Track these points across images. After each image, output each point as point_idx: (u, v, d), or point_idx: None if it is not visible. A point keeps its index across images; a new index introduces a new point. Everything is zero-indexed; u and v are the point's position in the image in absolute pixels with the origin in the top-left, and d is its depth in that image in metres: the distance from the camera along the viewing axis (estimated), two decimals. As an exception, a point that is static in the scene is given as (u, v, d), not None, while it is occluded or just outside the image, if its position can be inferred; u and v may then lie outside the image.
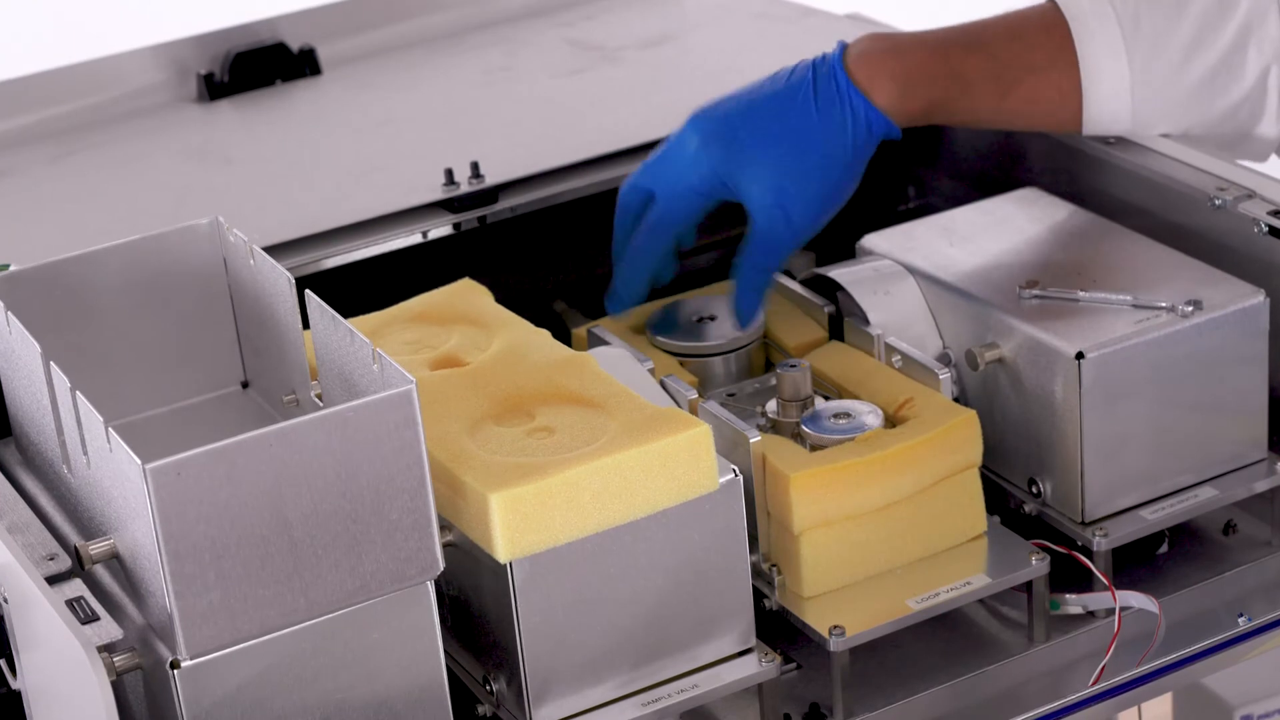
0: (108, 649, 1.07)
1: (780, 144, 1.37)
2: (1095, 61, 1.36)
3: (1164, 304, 1.30)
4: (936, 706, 1.23)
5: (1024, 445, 1.33)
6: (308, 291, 1.20)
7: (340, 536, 1.07)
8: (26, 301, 1.25)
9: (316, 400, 1.23)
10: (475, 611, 1.19)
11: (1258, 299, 1.31)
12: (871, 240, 1.44)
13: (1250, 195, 1.40)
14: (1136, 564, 1.33)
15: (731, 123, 1.38)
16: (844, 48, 1.39)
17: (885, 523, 1.26)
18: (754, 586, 1.21)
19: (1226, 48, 1.35)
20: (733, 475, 1.18)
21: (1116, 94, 1.37)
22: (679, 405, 1.28)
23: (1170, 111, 1.38)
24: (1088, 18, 1.37)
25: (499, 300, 1.36)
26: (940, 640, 1.28)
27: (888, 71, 1.37)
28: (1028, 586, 1.27)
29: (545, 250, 1.58)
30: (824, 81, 1.37)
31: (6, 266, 1.31)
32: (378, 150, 1.62)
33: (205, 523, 1.03)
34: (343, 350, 1.16)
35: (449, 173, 1.50)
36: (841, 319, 1.41)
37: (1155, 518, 1.31)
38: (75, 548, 1.12)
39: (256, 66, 1.78)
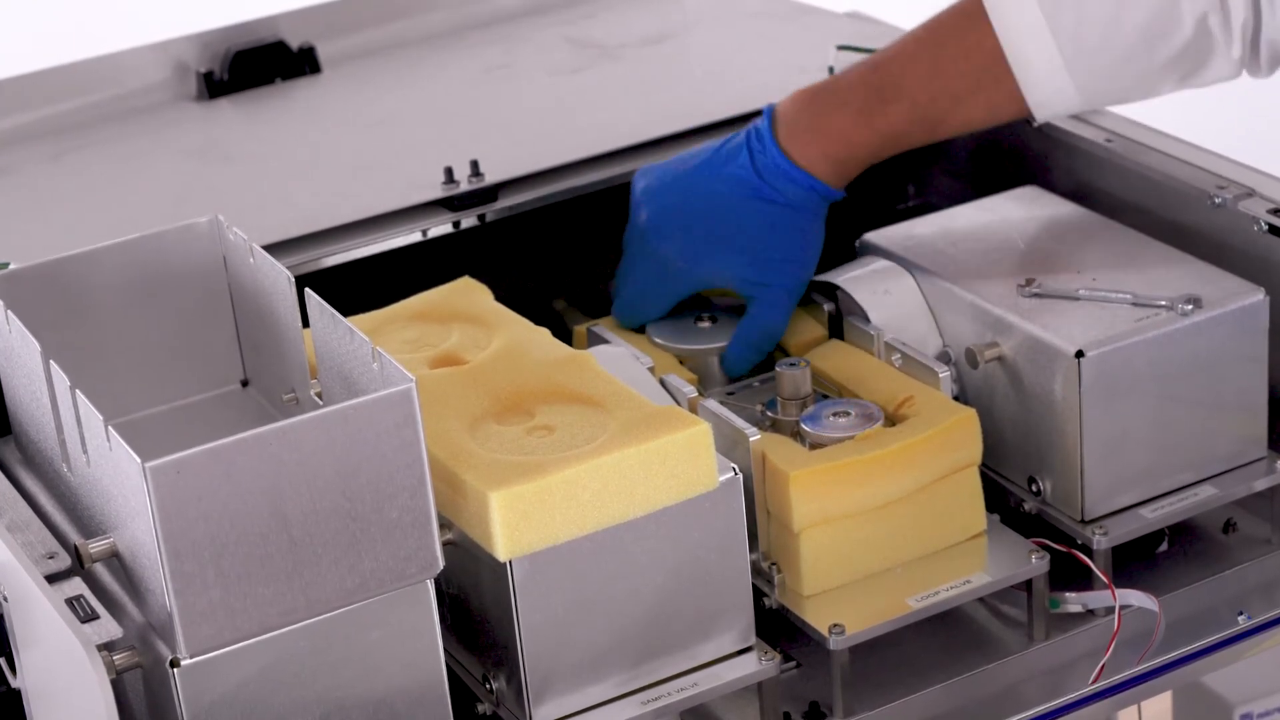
0: (107, 647, 1.07)
1: (742, 242, 1.39)
2: (1021, 47, 1.36)
3: (1164, 302, 1.30)
4: (936, 705, 1.23)
5: (1024, 443, 1.33)
6: (307, 290, 1.20)
7: (340, 535, 1.07)
8: (26, 300, 1.25)
9: (316, 399, 1.23)
10: (475, 610, 1.19)
11: (1257, 297, 1.31)
12: (872, 239, 1.44)
13: (1250, 193, 1.40)
14: (1136, 562, 1.33)
15: (684, 238, 1.41)
16: (771, 118, 1.40)
17: (885, 521, 1.26)
18: (754, 585, 1.21)
19: (1154, 3, 1.35)
20: (732, 474, 1.18)
21: (1052, 73, 1.36)
22: (679, 404, 1.29)
23: (1114, 75, 1.37)
24: (1006, 7, 1.37)
25: (499, 298, 1.36)
26: (940, 638, 1.28)
27: (817, 149, 1.39)
28: (1027, 585, 1.27)
29: (545, 248, 1.58)
30: (765, 165, 1.39)
31: (6, 265, 1.31)
32: (377, 148, 1.62)
33: (205, 521, 1.03)
34: (342, 349, 1.16)
35: (449, 171, 1.50)
36: (841, 318, 1.41)
37: (1155, 516, 1.31)
38: (75, 546, 1.12)
39: (256, 65, 1.78)
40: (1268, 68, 1.37)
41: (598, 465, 1.14)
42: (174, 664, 1.06)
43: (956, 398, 1.35)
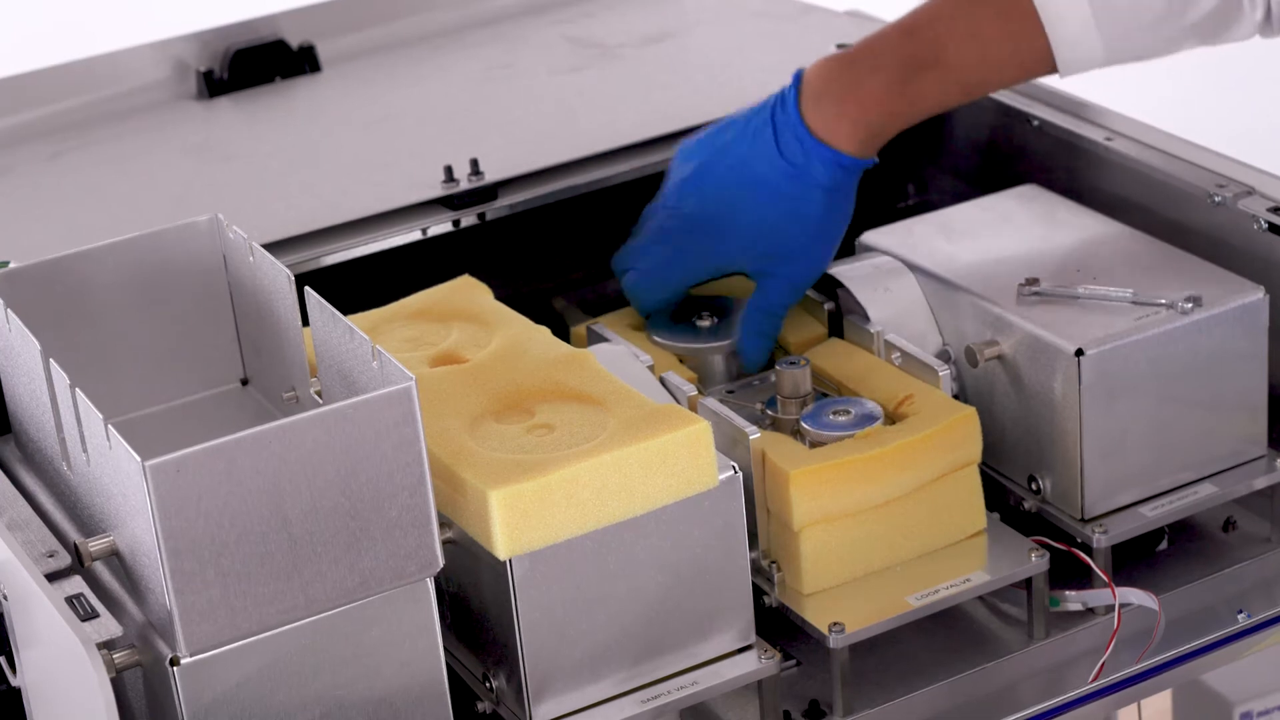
0: (107, 646, 1.07)
1: (762, 223, 1.38)
2: (1055, 6, 1.37)
3: (1164, 301, 1.30)
4: (936, 703, 1.23)
5: (1024, 442, 1.33)
6: (307, 288, 1.20)
7: (340, 534, 1.07)
8: (26, 299, 1.25)
9: (316, 397, 1.23)
10: (475, 608, 1.19)
11: (1257, 296, 1.31)
12: (871, 237, 1.44)
13: (1250, 192, 1.40)
14: (1136, 561, 1.33)
15: (707, 216, 1.40)
16: (798, 85, 1.39)
17: (885, 519, 1.26)
18: (754, 583, 1.21)
19: None
20: (732, 472, 1.18)
21: (1084, 32, 1.37)
22: (679, 402, 1.29)
23: (1140, 36, 1.37)
24: None
25: (498, 297, 1.36)
26: (940, 637, 1.28)
27: (847, 117, 1.37)
28: (1027, 583, 1.27)
29: (545, 247, 1.58)
30: (788, 142, 1.38)
31: (6, 264, 1.31)
32: (377, 147, 1.62)
33: (205, 520, 1.03)
34: (342, 347, 1.16)
35: (448, 170, 1.50)
36: (841, 316, 1.41)
37: (1155, 514, 1.31)
38: (75, 545, 1.12)
39: (256, 64, 1.78)
40: (1278, 26, 1.37)
41: (598, 463, 1.14)
42: (174, 662, 1.06)
43: (956, 396, 1.35)
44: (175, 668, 1.06)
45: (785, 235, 1.38)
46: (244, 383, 1.34)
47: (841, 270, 1.41)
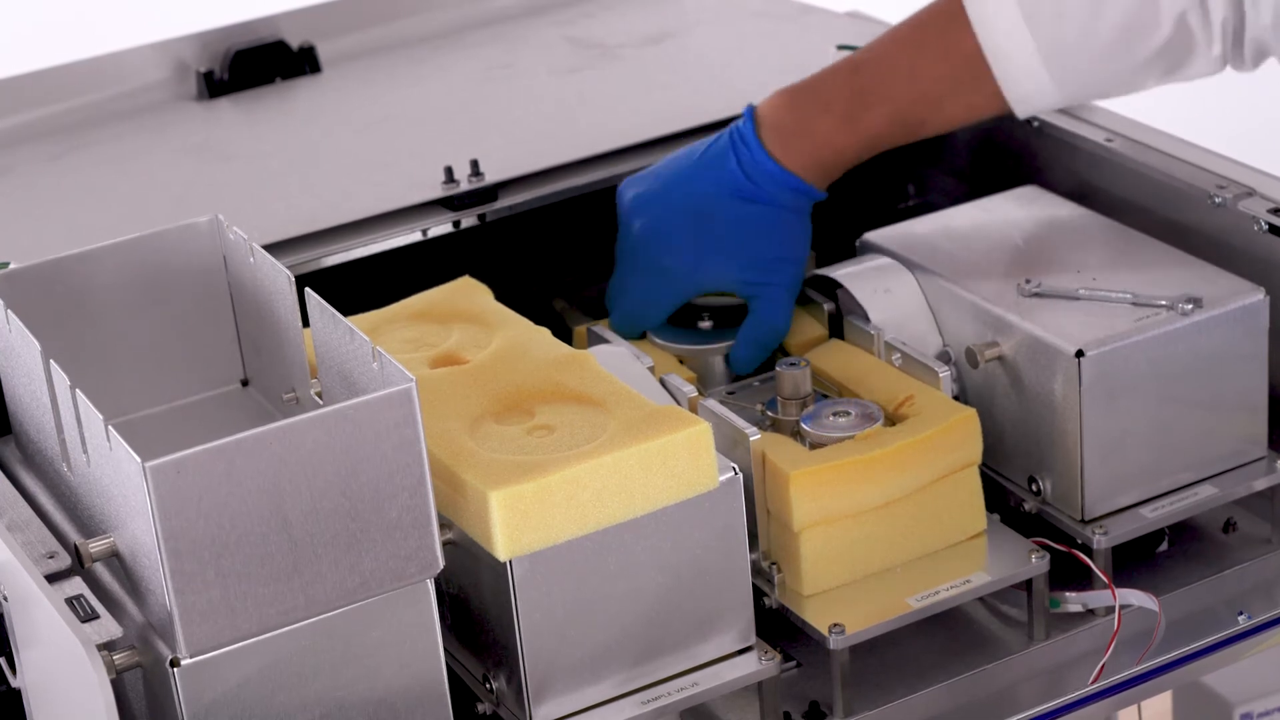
0: (107, 647, 1.07)
1: (738, 250, 1.40)
2: (999, 45, 1.37)
3: (1164, 302, 1.30)
4: (936, 704, 1.23)
5: (1024, 443, 1.33)
6: (307, 289, 1.20)
7: (340, 535, 1.07)
8: (26, 299, 1.25)
9: (316, 398, 1.23)
10: (475, 609, 1.19)
11: (1257, 297, 1.31)
12: (871, 237, 1.44)
13: (1250, 193, 1.40)
14: (1136, 562, 1.33)
15: (676, 243, 1.41)
16: (751, 118, 1.41)
17: (885, 520, 1.26)
18: (754, 584, 1.21)
19: (1132, 1, 1.36)
20: (732, 473, 1.18)
21: (1031, 70, 1.37)
22: (679, 403, 1.29)
23: (1092, 71, 1.38)
24: (984, 5, 1.38)
25: (499, 298, 1.36)
26: (940, 638, 1.28)
27: (800, 152, 1.40)
28: (1027, 584, 1.27)
29: (545, 248, 1.58)
30: (751, 168, 1.40)
31: (6, 264, 1.31)
32: (377, 148, 1.62)
33: (205, 520, 1.03)
34: (342, 348, 1.16)
35: (449, 170, 1.50)
36: (842, 317, 1.41)
37: (1155, 515, 1.31)
38: (75, 546, 1.12)
39: (256, 64, 1.78)
40: (1252, 63, 1.38)
41: (598, 465, 1.14)
42: (174, 663, 1.06)
43: (956, 397, 1.35)
44: (175, 669, 1.06)
45: (770, 244, 1.39)
46: (244, 383, 1.34)
47: (841, 271, 1.41)
